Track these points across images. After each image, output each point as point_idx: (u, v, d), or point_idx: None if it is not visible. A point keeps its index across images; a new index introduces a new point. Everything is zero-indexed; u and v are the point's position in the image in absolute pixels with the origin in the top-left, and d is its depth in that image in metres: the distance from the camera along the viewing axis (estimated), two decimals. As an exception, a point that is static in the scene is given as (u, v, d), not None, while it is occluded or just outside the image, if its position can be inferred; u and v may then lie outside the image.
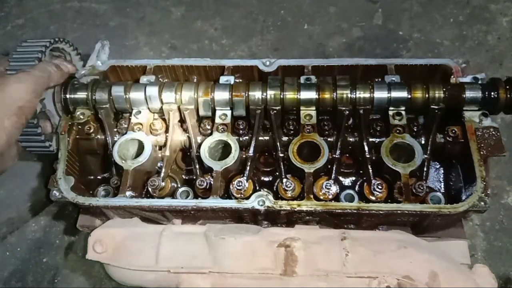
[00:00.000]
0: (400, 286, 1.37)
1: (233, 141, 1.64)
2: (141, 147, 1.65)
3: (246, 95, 1.66)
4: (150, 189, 1.62)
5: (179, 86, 1.68)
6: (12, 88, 1.38)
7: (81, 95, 1.68)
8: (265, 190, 1.61)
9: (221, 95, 1.67)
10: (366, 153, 1.61)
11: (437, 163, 1.79)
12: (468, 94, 1.60)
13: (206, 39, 2.48)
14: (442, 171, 1.78)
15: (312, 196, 1.52)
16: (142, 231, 1.56)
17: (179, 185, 1.76)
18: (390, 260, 1.41)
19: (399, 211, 1.49)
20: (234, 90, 1.67)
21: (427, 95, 1.61)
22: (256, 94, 1.66)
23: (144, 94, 1.68)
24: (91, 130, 1.71)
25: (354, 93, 1.63)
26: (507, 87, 1.59)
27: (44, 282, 1.91)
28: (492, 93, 1.59)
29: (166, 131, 1.73)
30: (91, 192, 1.75)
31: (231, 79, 1.74)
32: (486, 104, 1.61)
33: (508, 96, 1.58)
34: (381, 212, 1.49)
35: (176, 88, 1.67)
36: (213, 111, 1.70)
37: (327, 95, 1.64)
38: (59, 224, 2.02)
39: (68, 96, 1.67)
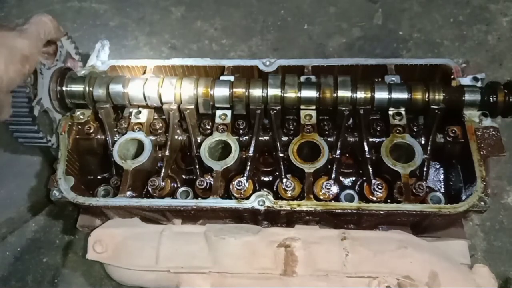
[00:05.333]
0: (400, 286, 1.37)
1: (233, 141, 1.64)
2: (141, 147, 1.65)
3: (247, 93, 1.65)
4: (150, 189, 1.62)
5: (179, 82, 1.67)
6: (17, 40, 1.40)
7: (78, 88, 1.66)
8: (265, 190, 1.61)
9: (221, 91, 1.66)
10: (366, 153, 1.61)
11: (437, 163, 1.79)
12: (468, 97, 1.61)
13: (206, 39, 2.48)
14: (442, 171, 1.78)
15: (312, 196, 1.53)
16: (142, 231, 1.56)
17: (179, 185, 1.76)
18: (390, 260, 1.41)
19: (399, 211, 1.49)
20: (234, 87, 1.66)
21: (427, 98, 1.62)
22: (256, 92, 1.65)
23: (142, 88, 1.67)
24: (91, 130, 1.71)
25: (354, 93, 1.64)
26: (506, 91, 1.59)
27: (44, 282, 1.91)
28: (491, 97, 1.60)
29: (166, 131, 1.73)
30: (91, 192, 1.75)
31: (231, 79, 1.74)
32: (484, 108, 1.61)
33: (506, 100, 1.59)
34: (381, 212, 1.49)
35: (175, 83, 1.67)
36: (213, 110, 1.70)
37: (327, 95, 1.64)
38: (59, 224, 2.02)
39: (64, 88, 1.66)
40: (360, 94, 1.63)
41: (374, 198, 1.57)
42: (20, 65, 1.39)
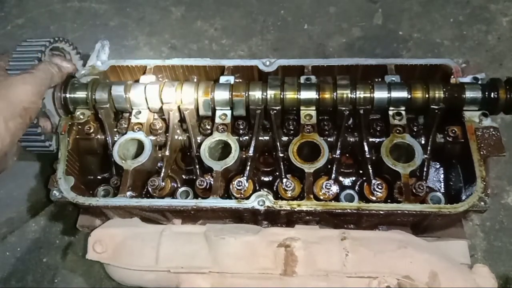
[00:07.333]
0: (400, 286, 1.37)
1: (233, 141, 1.64)
2: (141, 147, 1.65)
3: (246, 95, 1.66)
4: (150, 189, 1.62)
5: (179, 86, 1.68)
6: (17, 89, 1.39)
7: (81, 94, 1.68)
8: (265, 190, 1.62)
9: (221, 94, 1.67)
10: (366, 153, 1.61)
11: (437, 163, 1.79)
12: (468, 94, 1.60)
13: (206, 39, 2.48)
14: (442, 171, 1.78)
15: (312, 196, 1.53)
16: (142, 231, 1.56)
17: (179, 185, 1.76)
18: (390, 260, 1.41)
19: (399, 211, 1.49)
20: (234, 90, 1.67)
21: (427, 95, 1.61)
22: (256, 94, 1.66)
23: (144, 93, 1.68)
24: (91, 130, 1.71)
25: (354, 93, 1.63)
26: (507, 87, 1.59)
27: (44, 282, 1.91)
28: (492, 94, 1.59)
29: (166, 131, 1.73)
30: (91, 192, 1.75)
31: (231, 79, 1.74)
32: (486, 104, 1.61)
33: (508, 96, 1.58)
34: (381, 212, 1.49)
35: (176, 87, 1.68)
36: (213, 111, 1.70)
37: (327, 95, 1.64)
38: (59, 224, 2.02)
39: (68, 95, 1.67)
40: (360, 94, 1.63)
41: (374, 198, 1.57)
42: (21, 118, 1.38)
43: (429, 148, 1.62)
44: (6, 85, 1.39)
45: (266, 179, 1.78)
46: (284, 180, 1.60)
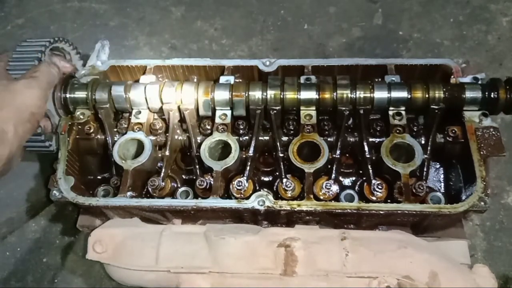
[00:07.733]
0: (400, 286, 1.37)
1: (233, 141, 1.64)
2: (141, 147, 1.65)
3: (246, 95, 1.66)
4: (150, 189, 1.62)
5: (179, 86, 1.68)
6: (24, 95, 1.42)
7: (81, 94, 1.68)
8: (265, 190, 1.61)
9: (221, 95, 1.67)
10: (366, 153, 1.61)
11: (437, 163, 1.79)
12: (468, 94, 1.60)
13: (206, 39, 2.48)
14: (442, 171, 1.78)
15: (312, 196, 1.53)
16: (142, 231, 1.56)
17: (179, 185, 1.76)
18: (390, 260, 1.41)
19: (399, 211, 1.49)
20: (234, 90, 1.67)
21: (427, 95, 1.61)
22: (256, 94, 1.66)
23: (144, 93, 1.68)
24: (91, 130, 1.71)
25: (354, 93, 1.63)
26: (507, 87, 1.59)
27: (44, 282, 1.91)
28: (492, 94, 1.59)
29: (166, 131, 1.73)
30: (91, 192, 1.75)
31: (231, 79, 1.74)
32: (486, 104, 1.61)
33: (508, 96, 1.58)
34: (381, 212, 1.49)
35: (176, 87, 1.68)
36: (213, 111, 1.70)
37: (327, 95, 1.64)
38: (59, 224, 2.02)
39: (68, 95, 1.67)
40: (360, 94, 1.63)
41: (374, 198, 1.57)
42: (29, 123, 1.41)
43: (429, 148, 1.62)
44: (12, 91, 1.41)
45: (266, 179, 1.78)
46: (284, 180, 1.60)
